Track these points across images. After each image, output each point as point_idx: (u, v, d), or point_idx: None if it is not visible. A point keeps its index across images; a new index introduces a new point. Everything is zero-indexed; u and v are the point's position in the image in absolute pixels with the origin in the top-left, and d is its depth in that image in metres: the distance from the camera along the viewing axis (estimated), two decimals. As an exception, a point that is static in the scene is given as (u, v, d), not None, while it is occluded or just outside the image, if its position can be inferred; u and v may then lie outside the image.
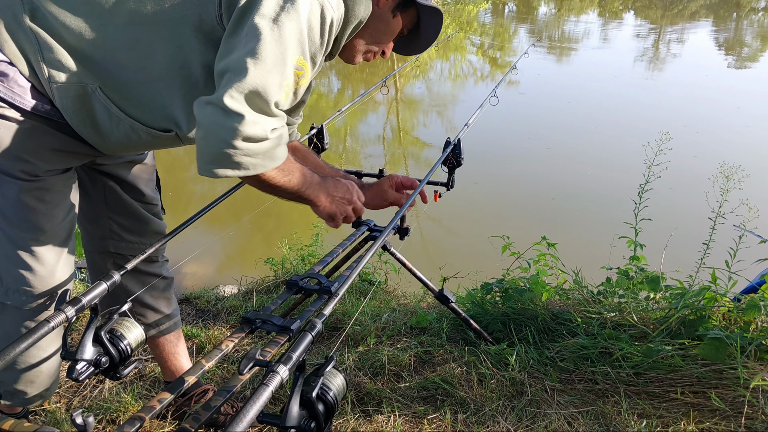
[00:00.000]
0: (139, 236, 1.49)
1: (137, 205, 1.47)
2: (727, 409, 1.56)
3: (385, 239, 1.70)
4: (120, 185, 1.42)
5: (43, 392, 1.36)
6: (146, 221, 1.50)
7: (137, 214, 1.47)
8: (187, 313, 2.52)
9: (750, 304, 1.65)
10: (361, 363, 1.92)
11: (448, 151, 1.74)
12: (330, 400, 0.88)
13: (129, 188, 1.44)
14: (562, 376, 1.81)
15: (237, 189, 1.50)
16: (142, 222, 1.49)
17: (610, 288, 2.00)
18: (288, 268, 2.93)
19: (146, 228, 1.50)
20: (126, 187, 1.43)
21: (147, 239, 1.50)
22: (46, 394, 1.38)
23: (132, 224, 1.47)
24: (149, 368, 1.94)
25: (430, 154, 6.09)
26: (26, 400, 1.35)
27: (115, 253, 1.47)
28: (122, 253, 1.47)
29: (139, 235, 1.49)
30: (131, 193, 1.45)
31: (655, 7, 22.23)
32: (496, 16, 19.57)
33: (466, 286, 2.38)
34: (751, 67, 11.06)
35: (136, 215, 1.47)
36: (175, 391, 1.05)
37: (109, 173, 1.40)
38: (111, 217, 1.44)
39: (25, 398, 1.34)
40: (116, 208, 1.44)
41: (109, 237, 1.45)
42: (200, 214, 1.32)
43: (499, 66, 10.93)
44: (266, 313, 1.25)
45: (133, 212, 1.46)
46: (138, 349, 1.07)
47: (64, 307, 0.95)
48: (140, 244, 1.49)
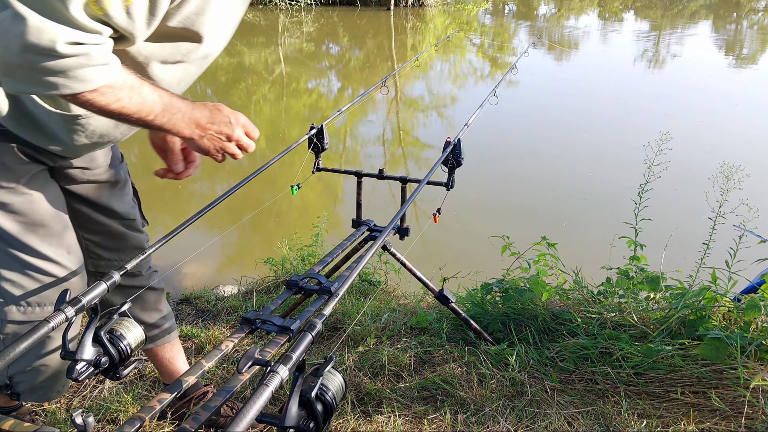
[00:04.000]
0: (119, 253, 1.45)
1: (113, 223, 1.42)
2: (727, 409, 1.56)
3: (385, 239, 1.70)
4: (91, 207, 1.38)
5: (60, 387, 1.38)
6: (124, 238, 1.45)
7: (113, 233, 1.43)
8: (187, 314, 2.52)
9: (750, 304, 1.65)
10: (361, 363, 1.92)
11: (447, 151, 1.74)
12: (328, 401, 0.88)
13: (101, 209, 1.39)
14: (562, 376, 1.81)
15: (237, 189, 1.50)
16: (119, 239, 1.44)
17: (610, 288, 2.00)
18: (288, 268, 2.93)
19: (125, 244, 1.46)
20: (98, 209, 1.39)
21: (127, 255, 1.46)
22: (63, 390, 1.40)
23: (109, 242, 1.43)
24: (149, 368, 1.94)
25: (430, 154, 6.09)
26: (46, 396, 1.37)
27: (95, 272, 1.44)
28: (103, 271, 1.44)
29: (118, 252, 1.45)
30: (105, 213, 1.40)
31: (655, 7, 22.23)
32: (496, 16, 19.57)
33: (466, 286, 2.38)
34: (751, 67, 11.05)
35: (112, 233, 1.43)
36: (175, 392, 1.05)
37: (79, 195, 1.35)
38: (86, 237, 1.40)
39: (45, 394, 1.36)
40: (90, 229, 1.40)
41: (87, 257, 1.41)
42: (200, 214, 1.32)
43: (499, 66, 10.93)
44: (266, 313, 1.25)
45: (108, 231, 1.42)
46: (138, 349, 1.07)
47: (64, 307, 0.95)
48: (120, 261, 1.45)
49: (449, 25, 16.24)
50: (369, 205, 3.54)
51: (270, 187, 4.60)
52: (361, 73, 10.50)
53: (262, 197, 4.47)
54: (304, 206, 4.81)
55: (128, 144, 6.07)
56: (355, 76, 10.40)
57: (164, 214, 4.68)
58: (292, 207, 4.69)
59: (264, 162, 1.57)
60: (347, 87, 9.74)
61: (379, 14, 17.00)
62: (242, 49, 11.97)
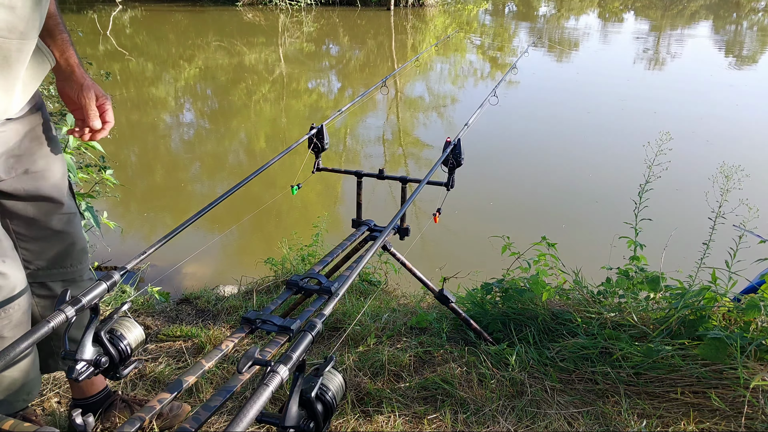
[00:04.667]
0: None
1: (48, 233, 1.35)
2: (727, 409, 1.56)
3: (385, 239, 1.70)
4: (24, 222, 1.30)
5: (26, 396, 1.34)
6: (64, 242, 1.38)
7: (49, 238, 1.35)
8: (187, 313, 2.52)
9: (750, 304, 1.65)
10: (361, 363, 1.92)
11: (448, 151, 1.74)
12: (329, 401, 0.88)
13: (31, 222, 1.31)
14: (562, 376, 1.81)
15: (237, 189, 1.50)
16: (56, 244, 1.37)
17: (610, 288, 2.00)
18: (288, 268, 2.93)
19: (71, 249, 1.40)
20: (29, 222, 1.31)
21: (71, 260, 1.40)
22: (30, 398, 1.36)
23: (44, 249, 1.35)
24: (149, 368, 1.95)
25: (430, 154, 6.10)
26: (13, 407, 1.33)
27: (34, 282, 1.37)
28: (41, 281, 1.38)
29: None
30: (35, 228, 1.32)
31: (655, 8, 22.23)
32: (496, 16, 19.57)
33: (466, 286, 2.38)
34: (751, 67, 11.05)
35: (48, 239, 1.35)
36: (175, 392, 1.05)
37: (9, 211, 1.28)
38: (23, 247, 1.33)
39: (11, 405, 1.32)
40: (26, 238, 1.33)
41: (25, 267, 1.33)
42: (200, 214, 1.32)
43: (499, 66, 10.93)
44: (266, 313, 1.25)
45: (43, 237, 1.34)
46: (138, 349, 1.07)
47: (64, 307, 0.95)
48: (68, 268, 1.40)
49: (449, 25, 16.24)
50: (369, 205, 3.55)
51: (270, 187, 4.60)
52: (361, 73, 10.50)
53: (262, 197, 4.47)
54: (304, 206, 4.81)
55: (128, 144, 6.07)
56: (355, 76, 10.41)
57: (164, 214, 4.68)
58: (292, 207, 4.69)
59: (264, 162, 1.57)
60: (347, 87, 9.75)
61: (379, 14, 17.00)
62: (242, 49, 11.98)
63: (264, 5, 17.53)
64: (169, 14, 16.22)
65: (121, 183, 2.92)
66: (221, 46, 12.21)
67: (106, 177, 2.71)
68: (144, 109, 7.81)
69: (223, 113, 7.92)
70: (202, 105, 8.57)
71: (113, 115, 1.33)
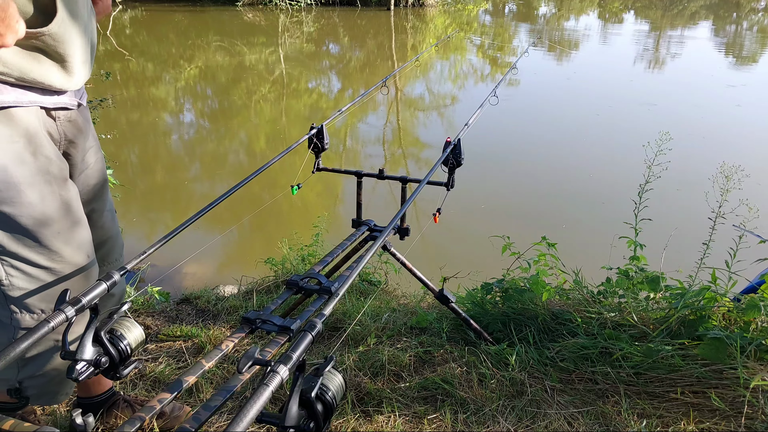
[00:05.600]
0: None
1: (100, 231, 1.38)
2: (727, 409, 1.56)
3: (385, 239, 1.70)
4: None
5: (68, 390, 1.39)
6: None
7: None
8: (187, 313, 2.52)
9: (750, 304, 1.65)
10: (361, 363, 1.92)
11: (448, 151, 1.74)
12: (329, 400, 0.88)
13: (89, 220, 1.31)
14: (562, 376, 1.81)
15: (237, 189, 1.50)
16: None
17: (610, 288, 2.00)
18: (288, 268, 2.93)
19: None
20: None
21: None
22: (69, 392, 1.41)
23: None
24: (149, 368, 1.95)
25: (430, 154, 6.10)
26: (55, 399, 1.38)
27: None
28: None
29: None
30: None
31: (655, 8, 22.23)
32: (496, 16, 19.57)
33: (466, 286, 2.38)
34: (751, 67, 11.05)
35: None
36: (175, 392, 1.05)
37: None
38: None
39: (53, 398, 1.37)
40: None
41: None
42: (200, 214, 1.32)
43: (499, 66, 10.94)
44: (266, 313, 1.25)
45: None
46: (138, 349, 1.07)
47: (64, 307, 0.95)
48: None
49: (449, 25, 16.25)
50: (369, 205, 3.54)
51: (270, 187, 4.61)
52: (362, 73, 10.51)
53: (262, 197, 4.47)
54: (304, 206, 4.81)
55: (128, 144, 6.07)
56: (356, 76, 10.41)
57: (164, 214, 4.68)
58: (292, 207, 4.70)
59: (264, 162, 1.57)
60: (347, 87, 9.75)
61: (379, 14, 17.00)
62: (242, 49, 11.98)
63: (264, 5, 17.53)
64: (170, 14, 16.22)
65: (121, 183, 2.92)
66: (221, 46, 12.21)
67: (106, 177, 2.71)
68: (144, 109, 7.81)
69: (223, 113, 7.92)
70: (202, 105, 8.57)
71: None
